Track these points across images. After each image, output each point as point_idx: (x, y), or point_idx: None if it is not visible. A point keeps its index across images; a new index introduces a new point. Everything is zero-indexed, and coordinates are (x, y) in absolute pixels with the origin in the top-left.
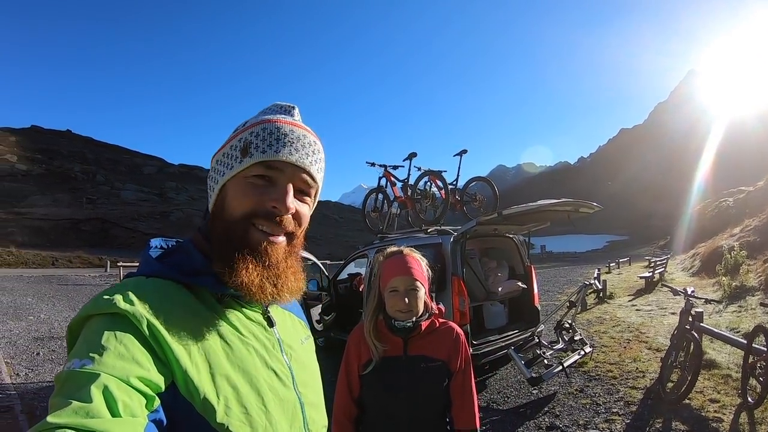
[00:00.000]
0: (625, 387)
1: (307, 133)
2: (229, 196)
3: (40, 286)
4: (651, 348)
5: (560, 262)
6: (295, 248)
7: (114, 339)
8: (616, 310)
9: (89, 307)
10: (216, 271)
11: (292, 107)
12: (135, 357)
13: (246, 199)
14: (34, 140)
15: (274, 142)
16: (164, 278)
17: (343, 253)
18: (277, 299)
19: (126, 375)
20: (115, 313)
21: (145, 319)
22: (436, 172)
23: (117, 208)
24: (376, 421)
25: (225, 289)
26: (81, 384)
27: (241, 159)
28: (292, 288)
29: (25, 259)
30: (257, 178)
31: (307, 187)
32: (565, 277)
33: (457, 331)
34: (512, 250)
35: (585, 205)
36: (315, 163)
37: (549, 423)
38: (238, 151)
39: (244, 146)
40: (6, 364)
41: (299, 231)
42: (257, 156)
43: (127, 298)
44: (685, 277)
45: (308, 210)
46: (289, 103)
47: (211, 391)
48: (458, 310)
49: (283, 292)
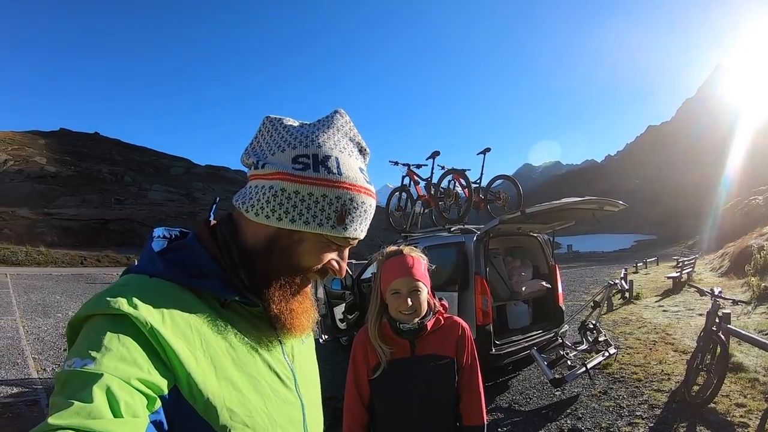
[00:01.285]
0: (650, 390)
1: (374, 203)
2: (305, 245)
3: (69, 284)
4: (677, 350)
5: (587, 261)
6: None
7: (117, 341)
8: (642, 311)
9: (91, 305)
10: (214, 266)
11: (366, 151)
12: (137, 360)
13: (320, 258)
14: (63, 143)
15: (363, 221)
16: (167, 278)
17: (367, 252)
18: (305, 332)
19: (128, 376)
20: (117, 315)
21: (149, 323)
22: (459, 170)
23: (145, 209)
24: (389, 426)
25: (231, 295)
26: (83, 384)
27: (335, 225)
28: (311, 320)
29: (54, 258)
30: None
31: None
32: (591, 276)
33: (463, 325)
34: (536, 249)
35: (609, 203)
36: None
37: (571, 425)
38: (334, 213)
39: (342, 214)
40: (33, 359)
41: None
42: (351, 233)
43: (131, 300)
44: (713, 277)
45: None
46: (363, 143)
47: (214, 395)
48: (481, 309)
49: (307, 327)
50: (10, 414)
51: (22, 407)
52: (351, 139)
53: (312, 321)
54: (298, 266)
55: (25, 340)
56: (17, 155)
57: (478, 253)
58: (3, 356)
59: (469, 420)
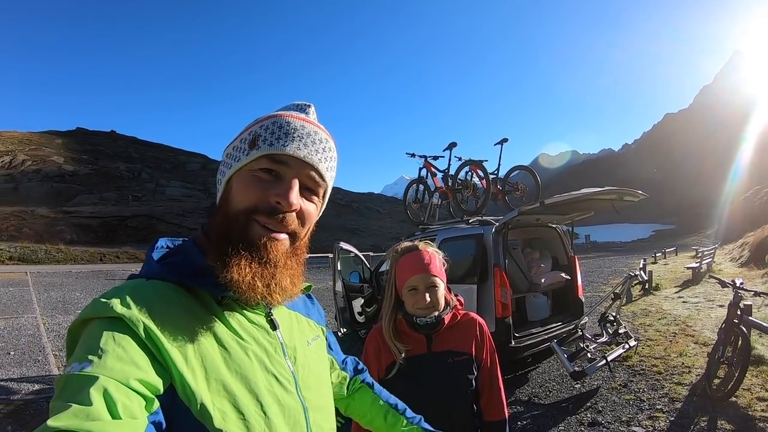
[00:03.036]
0: (670, 383)
1: (319, 130)
2: (233, 189)
3: (88, 281)
4: (698, 342)
5: (605, 252)
6: (298, 250)
7: (112, 342)
8: (662, 302)
9: (88, 310)
10: (209, 265)
11: (307, 105)
12: (134, 359)
13: (250, 193)
14: (79, 141)
15: (282, 135)
16: (164, 280)
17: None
18: (267, 299)
19: (125, 377)
20: (113, 317)
21: (142, 323)
22: (476, 161)
23: (162, 205)
24: None
25: (225, 291)
26: (80, 387)
27: (249, 151)
28: (286, 290)
29: (73, 255)
30: (264, 171)
31: (315, 185)
32: (609, 267)
33: (480, 321)
34: (555, 241)
35: (629, 193)
36: (325, 161)
37: (591, 419)
38: (247, 143)
39: (253, 139)
40: (54, 356)
41: (303, 231)
42: (264, 148)
43: (125, 301)
44: (733, 267)
45: (315, 210)
46: (305, 102)
47: (207, 397)
48: (500, 301)
49: (275, 293)
50: (32, 411)
51: (44, 404)
52: (286, 107)
53: (289, 288)
54: (236, 213)
55: (46, 337)
56: (35, 155)
57: (497, 245)
58: (24, 353)
59: (490, 415)
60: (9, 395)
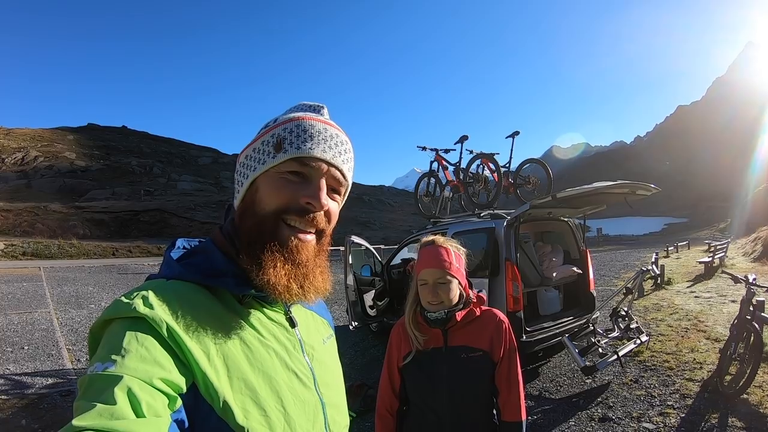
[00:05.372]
0: (682, 379)
1: (339, 133)
2: (260, 191)
3: (101, 275)
4: (710, 338)
5: (617, 245)
6: (324, 246)
7: (135, 342)
8: (673, 297)
9: (110, 311)
10: (244, 268)
11: (321, 106)
12: (156, 359)
13: (279, 195)
14: (91, 137)
15: (308, 138)
16: (185, 280)
17: (397, 238)
18: (302, 299)
19: (149, 377)
20: (135, 317)
21: (165, 323)
22: (488, 154)
23: (174, 199)
24: (419, 414)
25: (246, 290)
26: (104, 386)
27: (275, 154)
28: (318, 288)
29: (86, 250)
30: (291, 174)
31: (338, 185)
32: (621, 261)
33: (500, 317)
34: (567, 234)
35: (642, 187)
36: (346, 161)
37: (602, 414)
38: (271, 146)
39: (278, 142)
40: (68, 350)
41: (329, 229)
42: (291, 152)
43: (147, 301)
44: (745, 262)
45: (338, 208)
46: (318, 103)
47: (229, 394)
48: (512, 295)
49: (309, 292)
50: (47, 405)
51: (57, 398)
52: (298, 107)
53: (320, 285)
54: (266, 215)
55: (59, 331)
56: (47, 151)
57: (509, 239)
58: (38, 348)
59: (507, 416)
60: (23, 389)
